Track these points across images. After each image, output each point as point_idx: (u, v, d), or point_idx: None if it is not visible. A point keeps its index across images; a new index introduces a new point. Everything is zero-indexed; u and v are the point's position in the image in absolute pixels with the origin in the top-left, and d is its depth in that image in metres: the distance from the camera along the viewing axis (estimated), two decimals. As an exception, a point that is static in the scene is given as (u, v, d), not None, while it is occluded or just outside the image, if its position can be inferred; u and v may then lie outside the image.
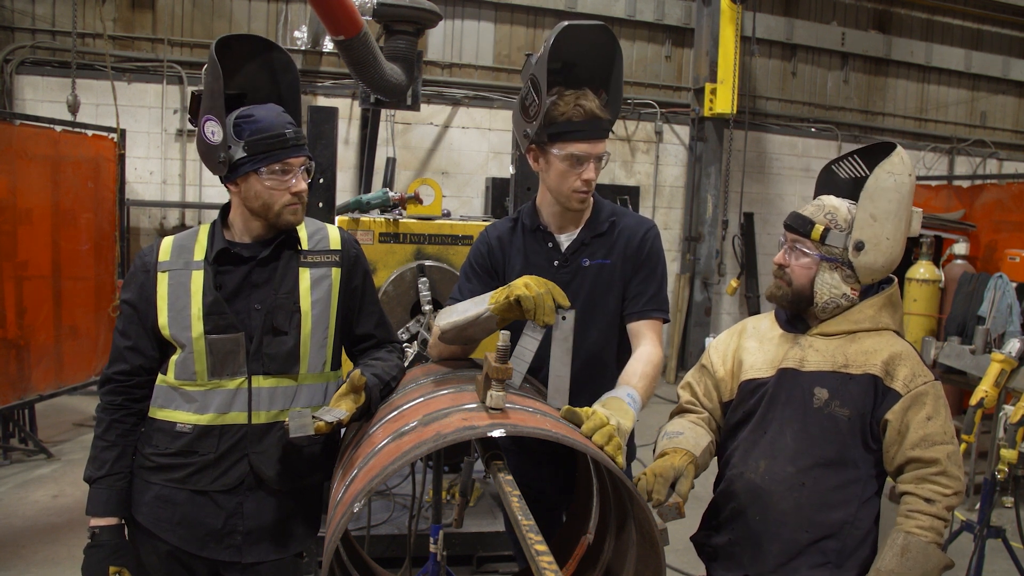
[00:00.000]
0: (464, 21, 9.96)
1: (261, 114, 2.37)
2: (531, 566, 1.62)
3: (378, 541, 4.41)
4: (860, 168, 2.55)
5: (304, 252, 2.49)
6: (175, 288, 2.38)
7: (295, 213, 2.42)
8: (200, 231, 2.48)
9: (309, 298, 2.46)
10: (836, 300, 2.40)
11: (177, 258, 2.42)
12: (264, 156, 2.33)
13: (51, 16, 8.60)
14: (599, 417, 2.11)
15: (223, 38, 2.40)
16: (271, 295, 2.41)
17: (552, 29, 2.61)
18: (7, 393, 5.63)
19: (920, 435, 2.29)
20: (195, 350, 2.35)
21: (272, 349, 2.41)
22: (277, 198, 2.37)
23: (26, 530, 5.08)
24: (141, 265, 2.43)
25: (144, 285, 2.40)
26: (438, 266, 4.45)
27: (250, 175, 2.35)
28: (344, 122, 9.17)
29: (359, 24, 4.61)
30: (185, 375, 2.37)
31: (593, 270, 2.72)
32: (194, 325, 2.35)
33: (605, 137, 2.61)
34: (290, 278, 2.45)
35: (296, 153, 2.37)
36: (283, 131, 2.34)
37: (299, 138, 2.38)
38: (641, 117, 10.61)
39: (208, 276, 2.38)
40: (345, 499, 1.94)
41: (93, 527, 2.37)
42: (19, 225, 5.85)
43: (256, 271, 2.42)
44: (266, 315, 2.40)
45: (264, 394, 2.41)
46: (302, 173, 2.41)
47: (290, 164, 2.36)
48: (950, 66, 12.00)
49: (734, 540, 2.47)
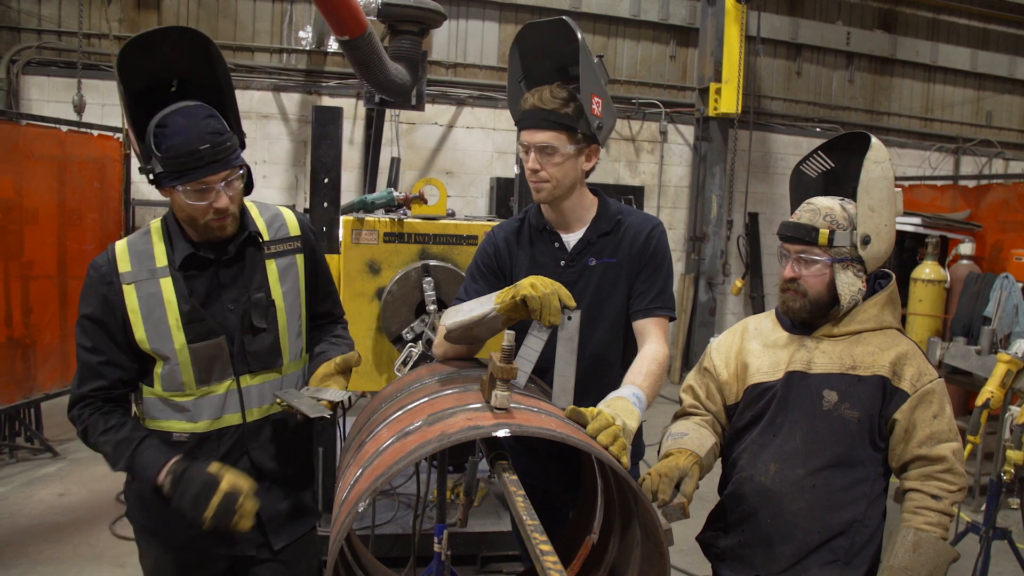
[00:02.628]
0: (468, 21, 9.97)
1: (179, 125, 2.17)
2: (536, 566, 1.62)
3: (382, 541, 4.42)
4: (826, 162, 2.61)
5: (266, 243, 2.45)
6: (146, 300, 2.29)
7: (222, 228, 2.31)
8: (152, 234, 2.36)
9: (280, 289, 2.46)
10: (855, 297, 2.41)
11: (139, 267, 2.30)
12: (179, 175, 2.18)
13: (57, 17, 8.63)
14: (604, 417, 2.10)
15: (146, 34, 2.23)
16: (243, 293, 2.39)
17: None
18: (13, 392, 5.64)
19: (927, 433, 2.32)
20: (180, 361, 2.31)
21: (254, 347, 2.41)
22: (200, 214, 2.25)
23: (31, 528, 5.08)
24: (99, 277, 2.29)
25: (107, 298, 2.28)
26: (443, 266, 4.44)
27: (171, 189, 2.22)
28: (349, 122, 9.17)
29: (364, 24, 4.61)
30: (172, 386, 2.34)
31: (599, 269, 2.71)
32: (175, 336, 2.29)
33: (548, 128, 2.57)
34: (259, 273, 2.43)
35: (214, 170, 2.19)
36: (198, 147, 2.15)
37: (218, 152, 2.19)
38: (646, 117, 10.60)
39: (179, 283, 2.31)
40: (350, 499, 1.94)
41: (166, 474, 2.23)
42: (25, 225, 5.87)
43: (223, 271, 2.38)
44: (243, 314, 2.38)
45: (254, 392, 2.43)
46: (227, 186, 2.24)
47: (207, 182, 2.20)
48: (956, 66, 11.98)
49: (744, 542, 2.47)
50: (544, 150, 2.59)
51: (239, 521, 2.17)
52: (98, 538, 4.94)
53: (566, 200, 2.70)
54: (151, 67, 2.26)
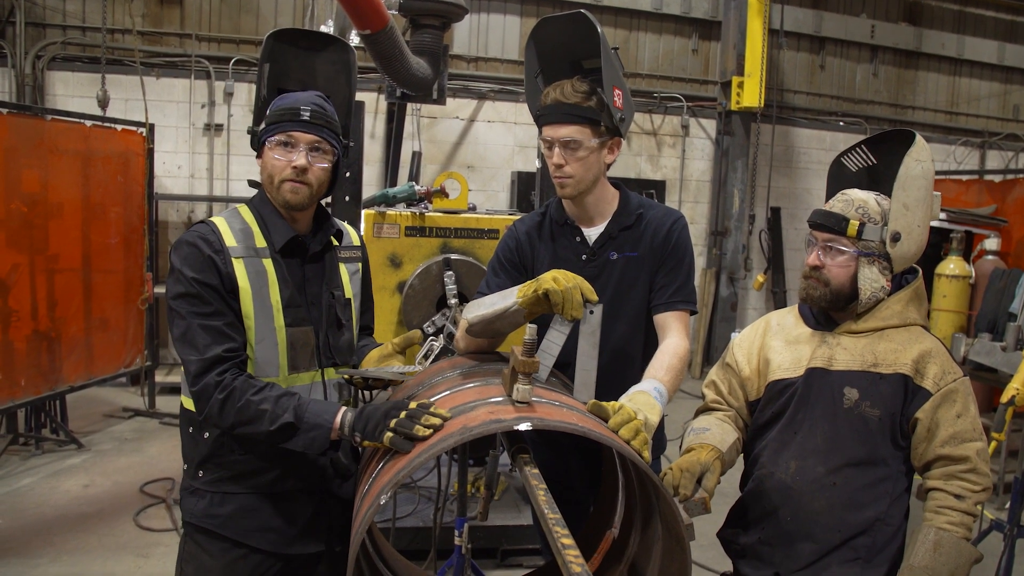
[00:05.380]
0: (490, 15, 9.96)
1: (295, 95, 2.34)
2: (557, 559, 1.62)
3: (403, 533, 4.43)
4: (868, 158, 2.56)
5: (338, 248, 2.54)
6: (255, 277, 2.28)
7: (294, 191, 2.30)
8: (245, 217, 2.37)
9: (351, 291, 2.54)
10: (877, 294, 2.38)
11: (244, 245, 2.30)
12: (274, 127, 2.29)
13: (81, 13, 8.70)
14: (626, 412, 2.10)
15: (295, 30, 2.47)
16: (325, 289, 2.44)
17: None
18: (39, 384, 5.70)
19: (950, 432, 2.29)
20: (278, 341, 2.30)
21: (337, 342, 2.46)
22: (278, 170, 2.29)
23: (57, 519, 5.14)
24: (207, 245, 2.24)
25: (219, 268, 2.22)
26: (464, 260, 4.45)
27: (264, 146, 2.33)
28: (370, 116, 9.20)
29: (385, 18, 4.62)
30: (266, 370, 2.30)
31: (620, 263, 2.71)
32: (275, 316, 2.30)
33: (572, 122, 2.58)
34: (337, 273, 2.50)
35: (304, 128, 2.28)
36: (299, 107, 2.28)
37: (316, 118, 2.29)
38: (667, 111, 10.55)
39: (280, 266, 2.33)
40: (372, 491, 1.95)
41: (343, 413, 2.16)
42: (50, 219, 5.92)
43: (308, 265, 2.42)
44: (328, 308, 2.43)
45: (332, 386, 2.46)
46: (312, 154, 2.30)
47: (293, 137, 2.28)
48: (982, 59, 11.81)
49: (764, 539, 2.46)
50: (568, 145, 2.58)
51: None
52: (122, 529, 5.00)
53: (589, 194, 2.70)
54: (297, 75, 2.48)
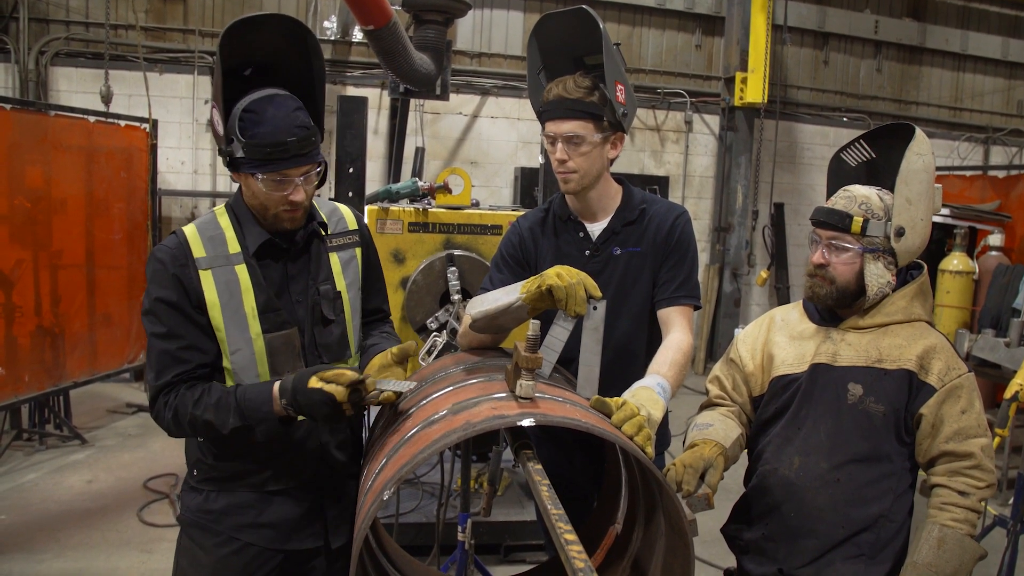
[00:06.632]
0: (493, 10, 9.94)
1: (269, 114, 2.17)
2: (560, 555, 1.61)
3: (406, 529, 4.44)
4: (867, 152, 2.55)
5: (328, 236, 2.47)
6: (224, 286, 2.24)
7: (292, 220, 2.29)
8: (220, 220, 2.33)
9: (344, 282, 2.47)
10: (883, 290, 2.38)
11: (214, 252, 2.26)
12: (261, 163, 2.17)
13: (84, 8, 8.70)
14: (629, 407, 2.10)
15: (248, 18, 2.25)
16: (310, 285, 2.39)
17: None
18: (42, 380, 5.71)
19: (954, 429, 2.28)
20: (255, 350, 2.28)
21: (324, 339, 2.41)
22: (273, 204, 2.24)
23: (61, 515, 5.16)
24: (170, 260, 2.22)
25: (181, 281, 2.21)
26: (467, 255, 4.45)
27: (249, 176, 2.22)
28: (373, 112, 9.19)
29: (388, 14, 4.62)
30: (245, 377, 2.29)
31: (624, 259, 2.71)
32: (251, 325, 2.26)
33: (575, 118, 2.57)
34: (324, 265, 2.44)
35: (297, 163, 2.19)
36: (286, 139, 2.15)
37: (304, 145, 2.19)
38: (671, 107, 10.53)
39: (255, 271, 2.29)
40: (375, 487, 1.95)
41: (285, 405, 2.15)
42: (54, 215, 5.92)
43: (290, 263, 2.38)
44: (312, 306, 2.38)
45: None
46: (305, 180, 2.25)
47: (287, 175, 2.19)
48: (986, 54, 11.79)
49: (768, 535, 2.46)
50: (571, 140, 2.58)
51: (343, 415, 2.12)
52: (126, 524, 5.00)
53: (592, 190, 2.69)
54: (245, 50, 2.27)
